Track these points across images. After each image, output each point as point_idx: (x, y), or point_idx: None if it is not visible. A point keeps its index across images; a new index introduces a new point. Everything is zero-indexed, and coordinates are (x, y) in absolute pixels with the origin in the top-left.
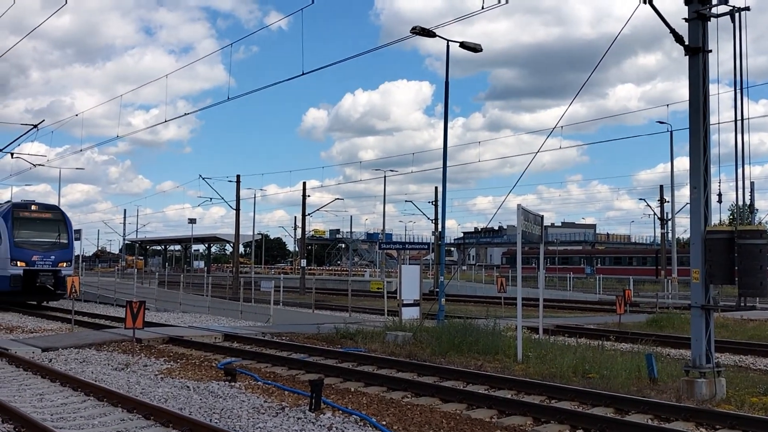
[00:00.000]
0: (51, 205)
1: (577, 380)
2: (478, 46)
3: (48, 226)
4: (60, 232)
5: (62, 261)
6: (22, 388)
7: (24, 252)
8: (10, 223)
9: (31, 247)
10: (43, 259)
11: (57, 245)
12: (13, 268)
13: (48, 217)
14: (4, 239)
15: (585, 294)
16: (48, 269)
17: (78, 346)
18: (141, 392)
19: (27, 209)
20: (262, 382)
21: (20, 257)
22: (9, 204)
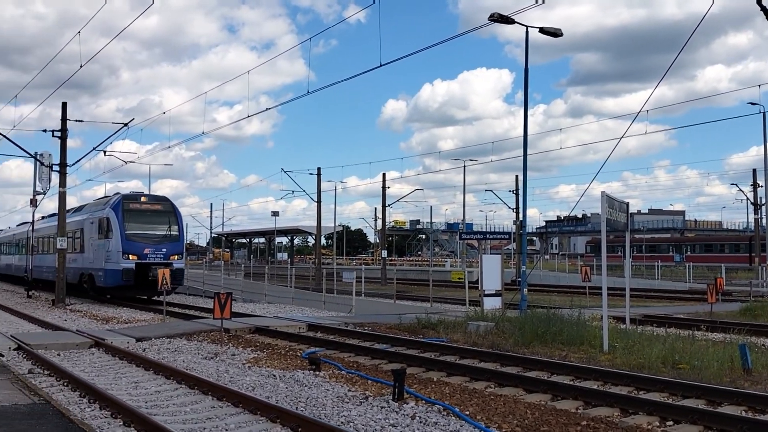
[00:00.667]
0: (160, 197)
1: (666, 371)
2: (558, 30)
3: (158, 217)
4: (170, 224)
5: (174, 254)
6: (119, 376)
7: (135, 245)
8: (121, 215)
9: (142, 239)
10: (155, 252)
11: (168, 237)
12: (125, 261)
13: (158, 208)
14: (115, 232)
15: (674, 283)
16: (160, 262)
17: (169, 336)
18: (230, 381)
19: (137, 201)
20: (346, 371)
21: (132, 250)
22: (118, 196)
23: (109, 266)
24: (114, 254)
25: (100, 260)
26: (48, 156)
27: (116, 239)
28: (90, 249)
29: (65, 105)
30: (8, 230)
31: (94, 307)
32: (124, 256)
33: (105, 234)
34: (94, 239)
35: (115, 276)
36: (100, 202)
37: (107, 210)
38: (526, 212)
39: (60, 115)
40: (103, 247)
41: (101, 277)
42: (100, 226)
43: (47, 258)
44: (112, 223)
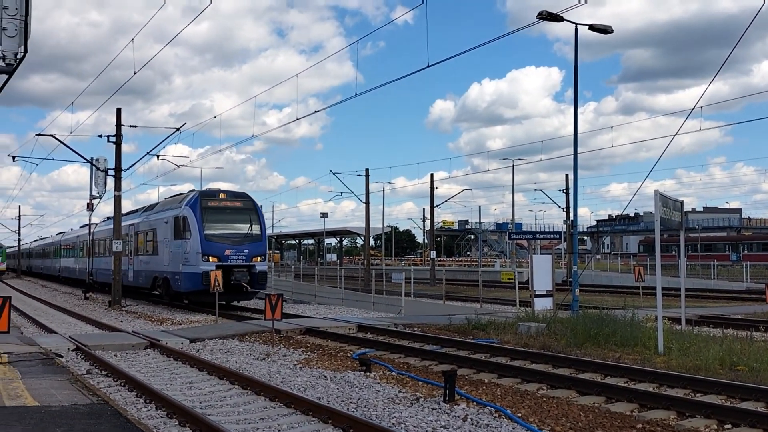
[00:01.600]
0: (240, 193)
1: (723, 373)
2: (608, 27)
3: (239, 215)
4: (252, 223)
5: (256, 255)
6: (173, 376)
7: (216, 246)
8: (199, 214)
9: (222, 240)
10: (236, 253)
11: (250, 237)
12: (205, 264)
13: (238, 205)
14: (194, 232)
15: (731, 282)
16: (242, 264)
17: (222, 336)
18: (281, 381)
19: (215, 198)
20: (396, 372)
21: (212, 252)
22: (195, 192)
23: (187, 269)
24: (192, 256)
25: (177, 263)
26: (103, 161)
27: (195, 240)
28: (164, 251)
29: (119, 111)
30: (70, 232)
31: (149, 308)
32: (203, 258)
33: (181, 234)
34: (168, 240)
35: (194, 280)
36: (174, 200)
37: (184, 208)
38: (577, 211)
39: (115, 121)
40: (179, 248)
41: (178, 281)
42: (176, 225)
43: (107, 261)
44: (189, 222)
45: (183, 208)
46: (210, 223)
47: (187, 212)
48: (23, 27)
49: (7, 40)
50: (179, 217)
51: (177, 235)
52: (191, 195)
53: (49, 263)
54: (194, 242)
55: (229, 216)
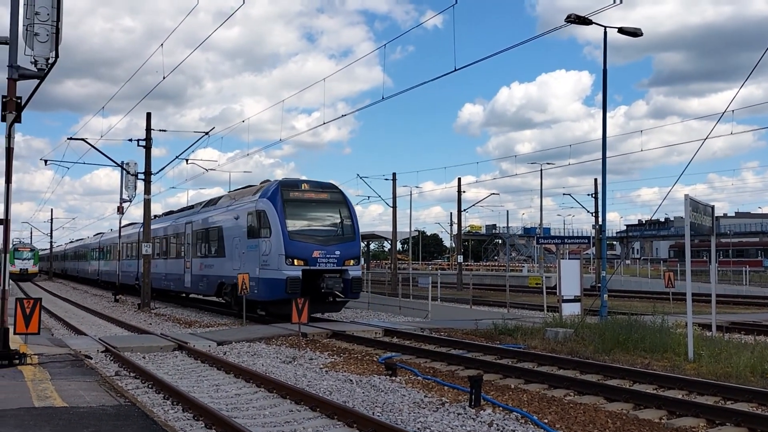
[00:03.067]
0: (326, 183)
1: (755, 380)
2: (638, 30)
3: (327, 210)
4: (342, 218)
5: (349, 257)
6: (200, 379)
7: (302, 246)
8: (281, 207)
9: (309, 239)
10: (326, 255)
11: (341, 237)
12: (289, 268)
13: (324, 197)
14: (275, 229)
15: (762, 289)
16: (334, 269)
17: (249, 339)
18: (307, 385)
19: (297, 188)
20: (422, 377)
21: (298, 253)
22: (273, 182)
23: (266, 274)
24: (274, 259)
25: (252, 266)
26: (134, 165)
27: (276, 239)
28: (234, 252)
29: (149, 116)
30: (109, 233)
31: (177, 311)
32: (287, 260)
33: (257, 232)
34: (240, 239)
35: (276, 287)
36: (244, 192)
37: (261, 201)
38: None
39: (145, 125)
40: (255, 249)
41: (254, 288)
42: (251, 222)
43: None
44: (269, 217)
45: (259, 201)
46: (294, 219)
47: (266, 205)
48: (54, 32)
49: (39, 45)
50: (255, 211)
51: (251, 233)
52: (269, 185)
53: (85, 266)
54: (275, 242)
55: (315, 210)
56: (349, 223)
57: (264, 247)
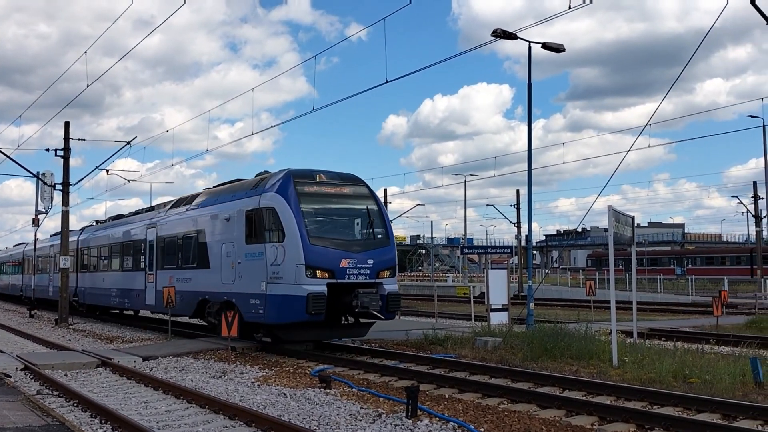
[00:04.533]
0: (346, 174)
1: (677, 385)
2: (560, 46)
3: (351, 207)
4: (372, 219)
5: (384, 268)
6: (128, 396)
7: (327, 254)
8: (296, 204)
9: (335, 245)
10: (357, 265)
11: (373, 241)
12: (311, 281)
13: (346, 192)
14: (290, 232)
15: (676, 296)
16: (366, 282)
17: (176, 354)
18: (240, 399)
19: (312, 180)
20: (357, 388)
21: (322, 263)
22: (282, 174)
23: (277, 290)
24: (288, 270)
25: (254, 280)
26: (50, 175)
27: (293, 245)
28: (224, 262)
29: (68, 124)
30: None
31: (97, 326)
32: (308, 272)
33: (261, 236)
34: (234, 246)
35: (292, 306)
36: (234, 187)
37: (267, 196)
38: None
39: (62, 134)
40: (259, 258)
41: (257, 308)
42: (252, 223)
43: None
44: (281, 217)
45: (264, 196)
46: (313, 219)
47: (275, 201)
48: None
49: None
50: (259, 210)
51: (253, 237)
52: (272, 177)
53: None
54: (291, 248)
55: (338, 208)
56: (381, 223)
57: (273, 254)
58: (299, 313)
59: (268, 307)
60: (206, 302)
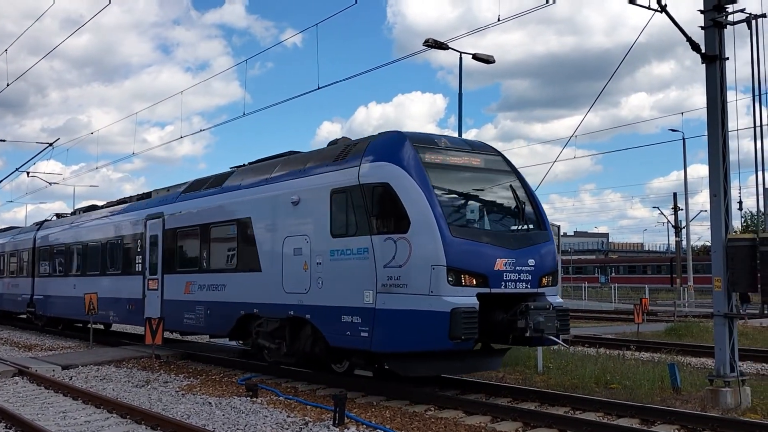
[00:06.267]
0: (476, 142)
1: (599, 391)
2: (490, 57)
3: (491, 186)
4: (520, 201)
5: (546, 272)
6: (45, 406)
7: (475, 251)
8: (422, 177)
9: (485, 238)
10: (516, 267)
11: (529, 234)
12: (455, 291)
13: (478, 164)
14: (419, 218)
15: (600, 303)
16: (527, 292)
17: (97, 363)
18: (163, 409)
19: (435, 146)
20: (284, 397)
21: (470, 264)
22: (391, 135)
23: (397, 303)
24: (418, 274)
25: (353, 289)
26: None
27: (426, 237)
28: (286, 262)
29: None
30: None
31: (15, 333)
32: (450, 277)
33: (371, 225)
34: (309, 238)
35: (426, 328)
36: (302, 159)
37: (377, 166)
38: None
39: None
40: (362, 257)
41: (361, 329)
42: (350, 206)
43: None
44: (402, 196)
45: (371, 166)
46: (449, 201)
47: (392, 174)
48: None
49: None
50: (362, 187)
51: (348, 225)
52: (380, 141)
53: None
54: (422, 241)
55: (475, 186)
56: (534, 208)
57: (387, 251)
58: (436, 338)
59: (379, 327)
60: (253, 318)
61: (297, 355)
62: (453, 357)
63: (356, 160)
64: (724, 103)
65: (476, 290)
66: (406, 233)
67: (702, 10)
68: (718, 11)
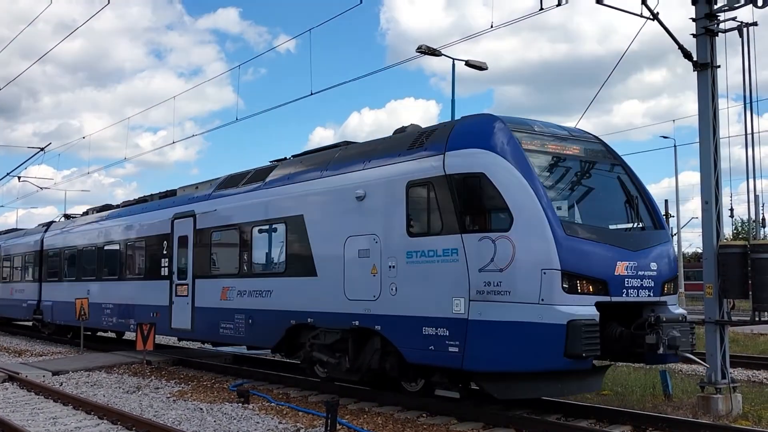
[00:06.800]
0: (572, 129)
1: (591, 397)
2: (483, 64)
3: (599, 176)
4: (632, 196)
5: (669, 278)
6: (35, 412)
7: (594, 253)
8: (525, 166)
9: (603, 238)
10: (638, 272)
11: (646, 234)
12: (571, 300)
13: (580, 154)
14: (525, 213)
15: None
16: (650, 301)
17: (88, 369)
18: (154, 415)
19: (532, 131)
20: (276, 403)
21: (588, 268)
22: (481, 117)
23: (498, 314)
24: (524, 279)
25: (438, 296)
26: None
27: (534, 235)
28: (349, 266)
29: None
30: None
31: (4, 339)
32: (565, 283)
33: (461, 222)
34: (379, 238)
35: (536, 344)
36: (366, 149)
37: (469, 153)
38: None
39: None
40: (449, 260)
41: (449, 343)
42: (434, 201)
43: None
44: (502, 188)
45: (460, 154)
46: (557, 194)
47: (489, 162)
48: None
49: None
50: (449, 178)
51: (431, 222)
52: (469, 124)
53: None
54: (528, 240)
55: (582, 180)
56: (646, 205)
57: (484, 252)
58: (548, 356)
59: (473, 342)
60: (305, 329)
61: (361, 371)
62: (554, 377)
63: (438, 148)
64: (716, 110)
65: (595, 298)
66: (508, 231)
67: (694, 18)
68: (710, 19)
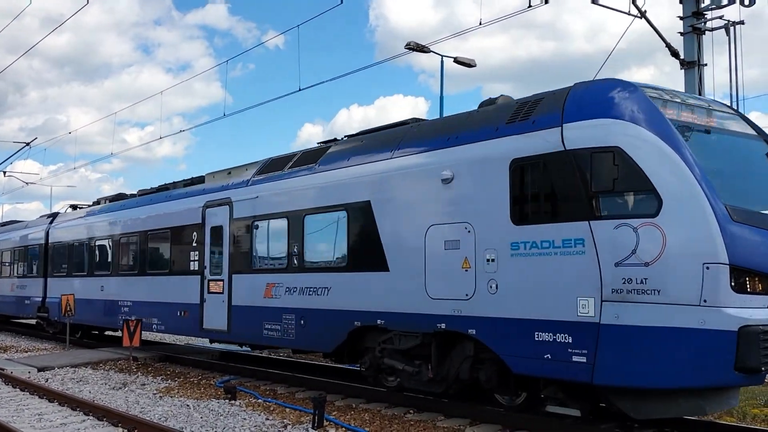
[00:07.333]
0: (709, 99)
1: None
2: (472, 61)
3: (752, 156)
4: None
5: None
6: (20, 408)
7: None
8: (676, 141)
9: None
10: None
11: None
12: (739, 301)
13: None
14: (679, 195)
15: None
16: None
17: (74, 365)
18: (140, 411)
19: (675, 101)
20: (263, 399)
21: (761, 262)
22: (611, 82)
23: (643, 317)
24: (679, 275)
25: (557, 295)
26: None
27: (692, 221)
28: (431, 260)
29: None
30: None
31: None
32: (734, 280)
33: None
34: (472, 227)
35: (700, 353)
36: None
37: (599, 125)
38: None
39: None
40: (574, 252)
41: (572, 351)
42: (548, 182)
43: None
44: (646, 166)
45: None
46: (714, 175)
47: (628, 135)
48: None
49: None
50: (573, 154)
51: (545, 208)
52: (594, 89)
53: None
54: (684, 227)
55: (733, 158)
56: None
57: (621, 243)
58: (713, 369)
59: (608, 351)
60: (374, 332)
61: (447, 381)
62: (695, 392)
63: (551, 120)
64: None
65: None
66: (655, 217)
67: (681, 17)
68: (697, 17)
